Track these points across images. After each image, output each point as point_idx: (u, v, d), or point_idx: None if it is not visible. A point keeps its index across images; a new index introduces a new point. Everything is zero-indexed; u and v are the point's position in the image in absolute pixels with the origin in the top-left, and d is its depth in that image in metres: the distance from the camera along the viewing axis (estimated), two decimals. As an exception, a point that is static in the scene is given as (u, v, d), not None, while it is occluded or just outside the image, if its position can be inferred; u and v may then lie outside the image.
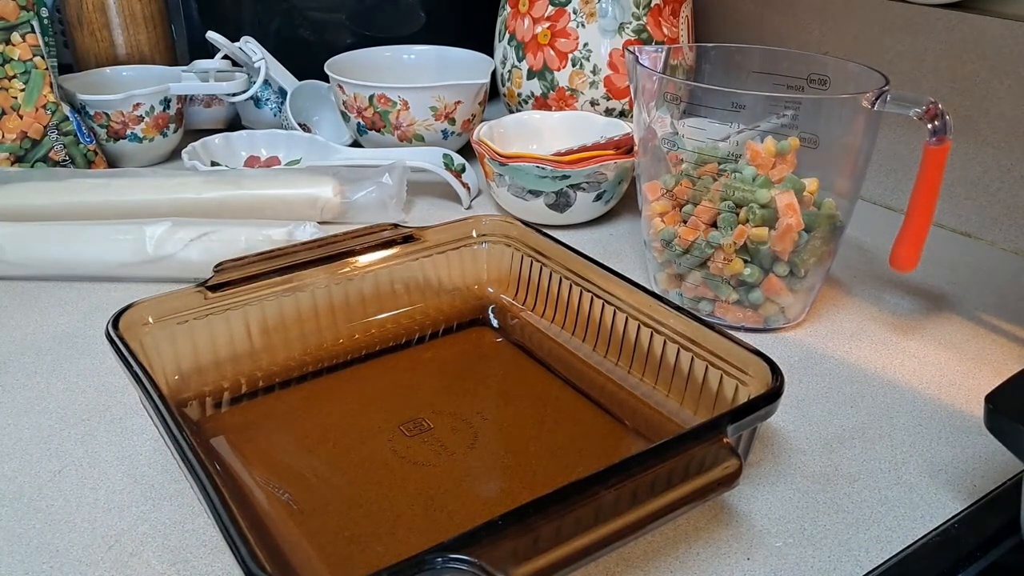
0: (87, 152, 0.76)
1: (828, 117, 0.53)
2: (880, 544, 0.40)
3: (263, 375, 0.49)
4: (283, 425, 0.46)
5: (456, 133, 0.82)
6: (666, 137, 0.56)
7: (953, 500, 0.43)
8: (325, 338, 0.51)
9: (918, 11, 0.72)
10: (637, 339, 0.48)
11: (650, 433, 0.45)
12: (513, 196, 0.70)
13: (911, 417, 0.49)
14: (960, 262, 0.69)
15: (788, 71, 0.58)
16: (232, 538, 0.30)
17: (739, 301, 0.56)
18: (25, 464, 0.44)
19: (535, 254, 0.54)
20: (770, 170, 0.53)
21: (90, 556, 0.38)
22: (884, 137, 0.77)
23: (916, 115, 0.50)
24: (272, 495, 0.40)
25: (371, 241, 0.53)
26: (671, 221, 0.56)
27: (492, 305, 0.56)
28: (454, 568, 0.30)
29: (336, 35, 0.94)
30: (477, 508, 0.40)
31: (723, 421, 0.37)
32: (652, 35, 0.79)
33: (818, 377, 0.53)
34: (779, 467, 0.45)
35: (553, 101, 0.81)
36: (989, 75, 0.69)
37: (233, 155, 0.80)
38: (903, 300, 0.62)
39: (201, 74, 0.84)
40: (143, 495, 0.42)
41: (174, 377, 0.46)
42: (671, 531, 0.40)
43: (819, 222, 0.53)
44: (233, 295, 0.48)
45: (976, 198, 0.72)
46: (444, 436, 0.45)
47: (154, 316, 0.45)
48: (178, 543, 0.39)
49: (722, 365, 0.43)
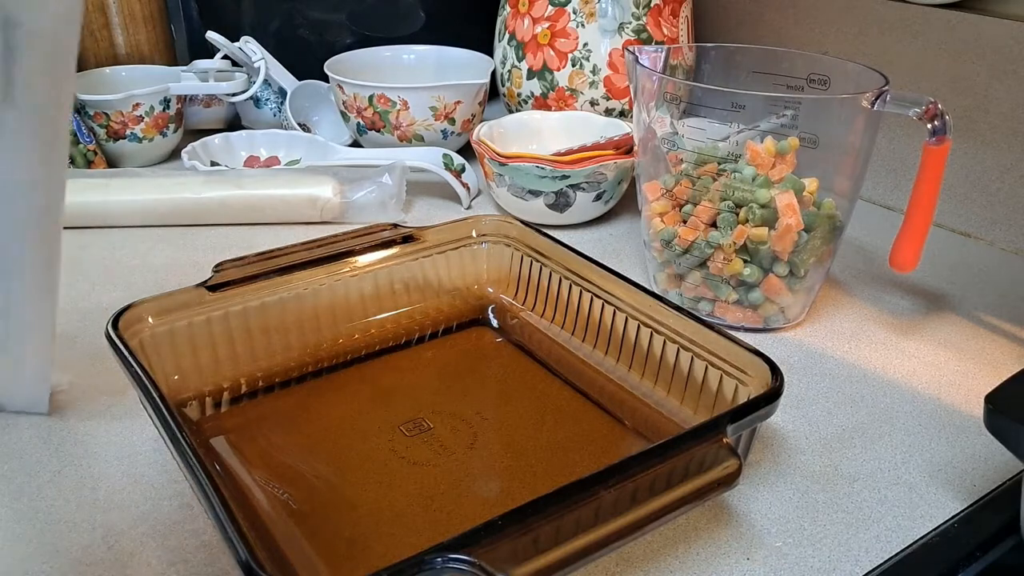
0: (87, 152, 0.76)
1: (828, 117, 0.53)
2: (880, 544, 0.40)
3: (263, 375, 0.49)
4: (283, 425, 0.46)
5: (456, 133, 0.82)
6: (666, 137, 0.56)
7: (953, 500, 0.43)
8: (325, 338, 0.51)
9: (918, 11, 0.72)
10: (637, 339, 0.48)
11: (650, 433, 0.45)
12: (513, 196, 0.70)
13: (911, 417, 0.49)
14: (960, 262, 0.69)
15: (788, 71, 0.58)
16: (232, 538, 0.30)
17: (739, 301, 0.56)
18: (25, 464, 0.44)
19: (535, 254, 0.54)
20: (770, 170, 0.53)
21: (90, 556, 0.38)
22: (884, 137, 0.77)
23: (916, 115, 0.50)
24: (272, 495, 0.40)
25: (371, 241, 0.53)
26: (671, 221, 0.56)
27: (492, 305, 0.56)
28: (454, 568, 0.30)
29: (336, 35, 0.94)
30: (477, 508, 0.40)
31: (723, 421, 0.37)
32: (652, 35, 0.79)
33: (818, 377, 0.53)
34: (779, 467, 0.45)
35: (553, 101, 0.81)
36: (989, 75, 0.69)
37: (233, 155, 0.80)
38: (903, 300, 0.62)
39: (201, 74, 0.84)
40: (143, 495, 0.42)
41: (174, 377, 0.46)
42: (671, 531, 0.40)
43: (819, 222, 0.53)
44: (233, 295, 0.48)
45: (976, 198, 0.72)
46: (444, 436, 0.45)
47: (154, 316, 0.45)
48: (178, 543, 0.39)
49: (722, 365, 0.43)
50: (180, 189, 0.69)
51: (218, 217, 0.70)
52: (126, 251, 0.66)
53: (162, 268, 0.64)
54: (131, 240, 0.68)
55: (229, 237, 0.69)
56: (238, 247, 0.67)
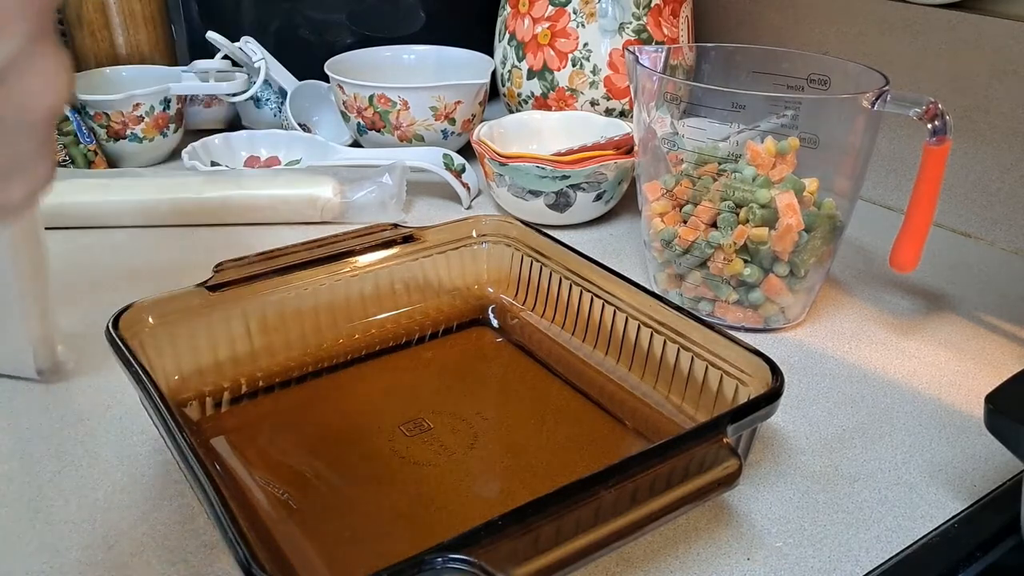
0: (87, 152, 0.76)
1: (828, 117, 0.53)
2: (880, 544, 0.40)
3: (263, 375, 0.49)
4: (283, 425, 0.46)
5: (456, 133, 0.82)
6: (666, 137, 0.56)
7: (953, 500, 0.43)
8: (325, 338, 0.51)
9: (918, 11, 0.72)
10: (637, 339, 0.48)
11: (650, 433, 0.45)
12: (513, 196, 0.70)
13: (911, 417, 0.49)
14: (960, 262, 0.69)
15: (788, 71, 0.58)
16: (232, 538, 0.30)
17: (739, 301, 0.56)
18: (25, 464, 0.44)
19: (535, 254, 0.54)
20: (770, 170, 0.53)
21: (90, 556, 0.38)
22: (884, 137, 0.77)
23: (916, 115, 0.50)
24: (272, 495, 0.40)
25: (371, 241, 0.53)
26: (671, 221, 0.56)
27: (492, 305, 0.56)
28: (454, 568, 0.30)
29: (336, 35, 0.94)
30: (477, 508, 0.40)
31: (723, 421, 0.37)
32: (652, 35, 0.79)
33: (818, 377, 0.53)
34: (779, 467, 0.45)
35: (553, 101, 0.81)
36: (989, 75, 0.69)
37: (233, 155, 0.80)
38: (903, 300, 0.62)
39: (201, 74, 0.84)
40: (143, 495, 0.42)
41: (174, 377, 0.46)
42: (671, 531, 0.40)
43: (819, 222, 0.53)
44: (233, 295, 0.48)
45: (976, 198, 0.72)
46: (444, 436, 0.45)
47: (154, 316, 0.45)
48: (178, 543, 0.39)
49: (722, 365, 0.43)
50: (180, 189, 0.69)
51: (218, 217, 0.70)
52: (126, 251, 0.66)
53: (162, 268, 0.64)
54: (131, 240, 0.68)
55: (229, 237, 0.69)
56: (238, 247, 0.67)
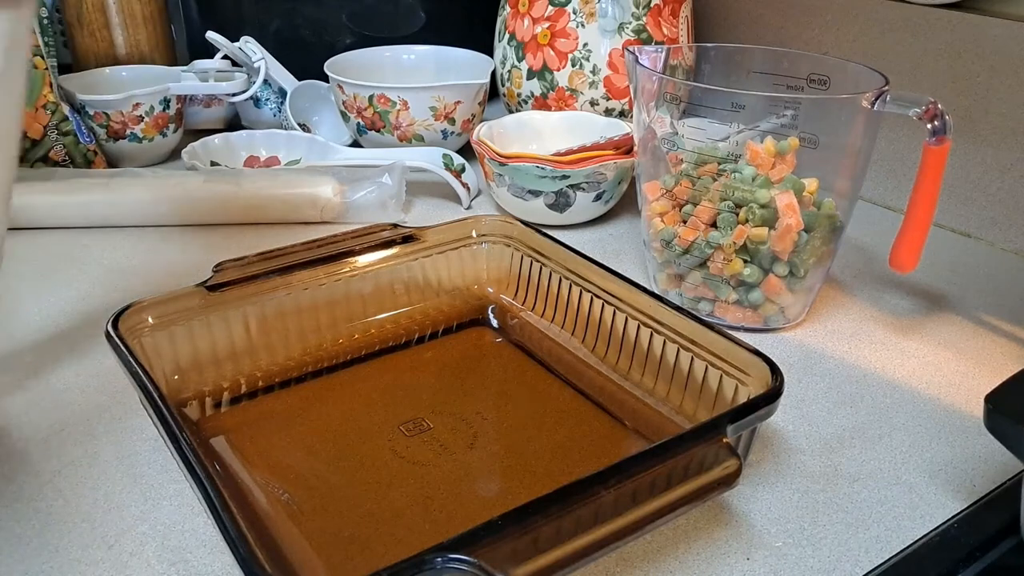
0: (87, 152, 0.76)
1: (828, 117, 0.53)
2: (880, 544, 0.40)
3: (263, 375, 0.49)
4: (283, 425, 0.46)
5: (456, 133, 0.82)
6: (666, 137, 0.56)
7: (953, 500, 0.43)
8: (325, 338, 0.51)
9: (918, 11, 0.72)
10: (637, 339, 0.48)
11: (650, 433, 0.45)
12: (513, 196, 0.70)
13: (911, 417, 0.49)
14: (960, 262, 0.69)
15: (788, 71, 0.58)
16: (231, 538, 0.30)
17: (739, 301, 0.56)
18: (25, 464, 0.44)
19: (535, 254, 0.54)
20: (770, 170, 0.53)
21: (90, 556, 0.38)
22: (884, 137, 0.77)
23: (916, 115, 0.50)
24: (272, 495, 0.40)
25: (371, 241, 0.53)
26: (671, 221, 0.56)
27: (492, 305, 0.56)
28: (454, 568, 0.30)
29: (336, 35, 0.94)
30: (477, 508, 0.40)
31: (723, 421, 0.37)
32: (652, 35, 0.79)
33: (818, 377, 0.53)
34: (779, 467, 0.45)
35: (553, 101, 0.81)
36: (989, 75, 0.69)
37: (233, 155, 0.80)
38: (903, 300, 0.62)
39: (201, 74, 0.84)
40: (143, 495, 0.42)
41: (174, 377, 0.46)
42: (671, 531, 0.40)
43: (819, 222, 0.53)
44: (233, 295, 0.48)
45: (976, 198, 0.72)
46: (444, 436, 0.45)
47: (154, 316, 0.45)
48: (178, 543, 0.39)
49: (722, 365, 0.43)
50: (180, 189, 0.69)
51: (218, 217, 0.70)
52: (126, 251, 0.66)
53: (162, 268, 0.64)
54: (131, 240, 0.68)
55: (229, 237, 0.69)
56: (238, 247, 0.67)
